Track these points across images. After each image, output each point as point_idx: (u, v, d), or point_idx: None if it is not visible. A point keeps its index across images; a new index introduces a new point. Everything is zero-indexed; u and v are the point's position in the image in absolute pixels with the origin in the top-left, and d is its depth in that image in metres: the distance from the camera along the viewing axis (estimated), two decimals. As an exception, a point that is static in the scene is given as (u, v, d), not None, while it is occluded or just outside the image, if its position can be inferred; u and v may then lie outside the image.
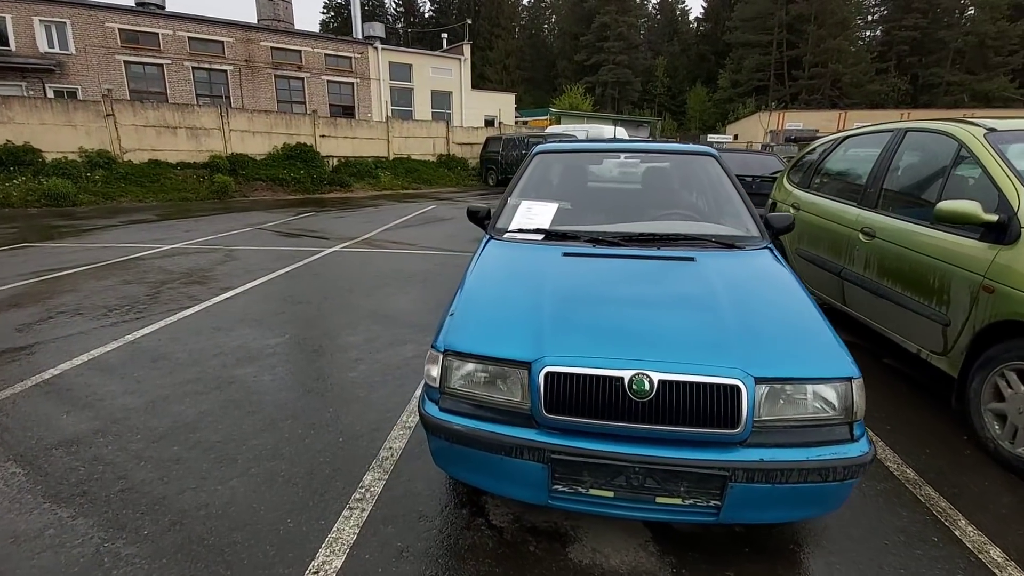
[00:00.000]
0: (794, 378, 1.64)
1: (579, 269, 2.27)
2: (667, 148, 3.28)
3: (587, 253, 2.42)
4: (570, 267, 2.29)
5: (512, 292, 2.12)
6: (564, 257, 2.38)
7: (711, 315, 1.86)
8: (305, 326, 4.14)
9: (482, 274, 2.30)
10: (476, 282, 2.23)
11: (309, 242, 7.71)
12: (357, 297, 4.91)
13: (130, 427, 2.62)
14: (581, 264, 2.32)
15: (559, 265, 2.30)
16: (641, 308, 1.94)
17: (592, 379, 1.65)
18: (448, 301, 2.14)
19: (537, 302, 1.99)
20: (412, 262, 6.46)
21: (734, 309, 1.89)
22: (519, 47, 63.76)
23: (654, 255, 2.39)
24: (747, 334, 1.76)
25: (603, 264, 2.32)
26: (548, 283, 2.13)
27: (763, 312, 1.92)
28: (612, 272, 2.25)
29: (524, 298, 2.04)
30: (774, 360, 1.67)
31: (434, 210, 11.86)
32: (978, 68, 46.50)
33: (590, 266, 2.31)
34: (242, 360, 3.46)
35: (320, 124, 17.30)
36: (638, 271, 2.26)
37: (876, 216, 3.36)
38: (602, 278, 2.20)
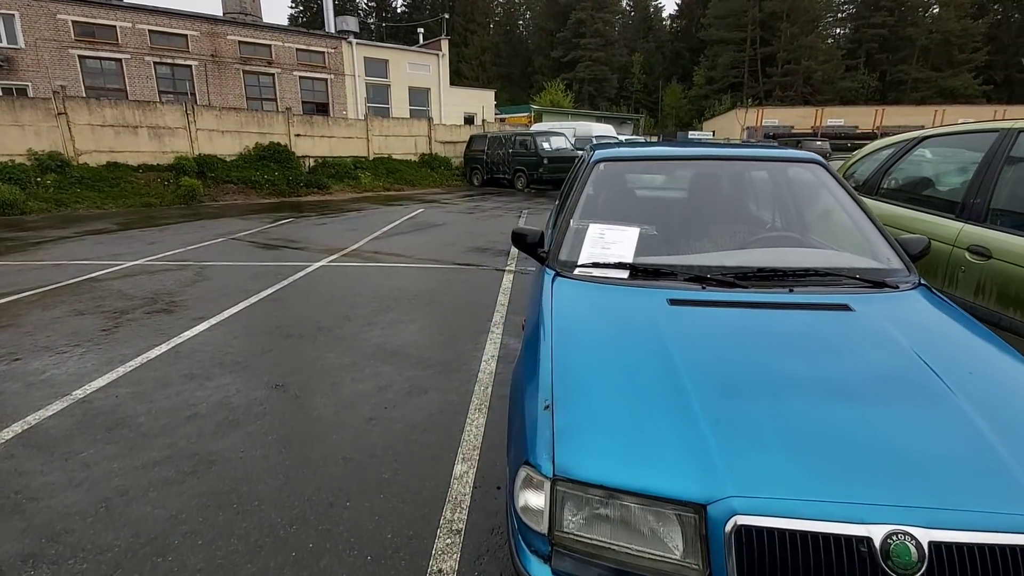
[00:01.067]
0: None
1: (703, 327, 1.66)
2: (761, 154, 2.64)
3: (701, 301, 1.80)
4: (689, 323, 1.67)
5: (630, 367, 1.49)
6: (672, 307, 1.77)
7: (951, 414, 1.27)
8: (299, 370, 3.44)
9: (570, 335, 1.66)
10: (568, 350, 1.58)
11: (291, 255, 6.92)
12: (357, 327, 4.21)
13: (72, 548, 1.90)
14: (701, 318, 1.71)
15: (672, 320, 1.68)
16: (836, 397, 1.34)
17: (816, 539, 1.04)
18: (470, 330, 1.49)
19: (675, 385, 1.37)
20: (411, 278, 5.77)
21: (967, 395, 1.31)
22: (495, 43, 63.04)
23: (792, 301, 1.79)
24: (1015, 445, 1.17)
25: (731, 318, 1.71)
26: (674, 351, 1.51)
27: (1012, 402, 1.33)
28: (752, 331, 1.64)
29: (653, 379, 1.42)
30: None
31: (423, 214, 11.13)
32: (943, 65, 47.73)
33: (716, 321, 1.69)
34: (224, 425, 2.75)
35: (295, 122, 16.32)
36: (787, 329, 1.65)
37: (991, 233, 2.83)
38: (744, 342, 1.58)
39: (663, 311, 1.74)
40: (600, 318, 1.75)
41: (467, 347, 3.79)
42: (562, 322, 1.74)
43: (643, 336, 1.61)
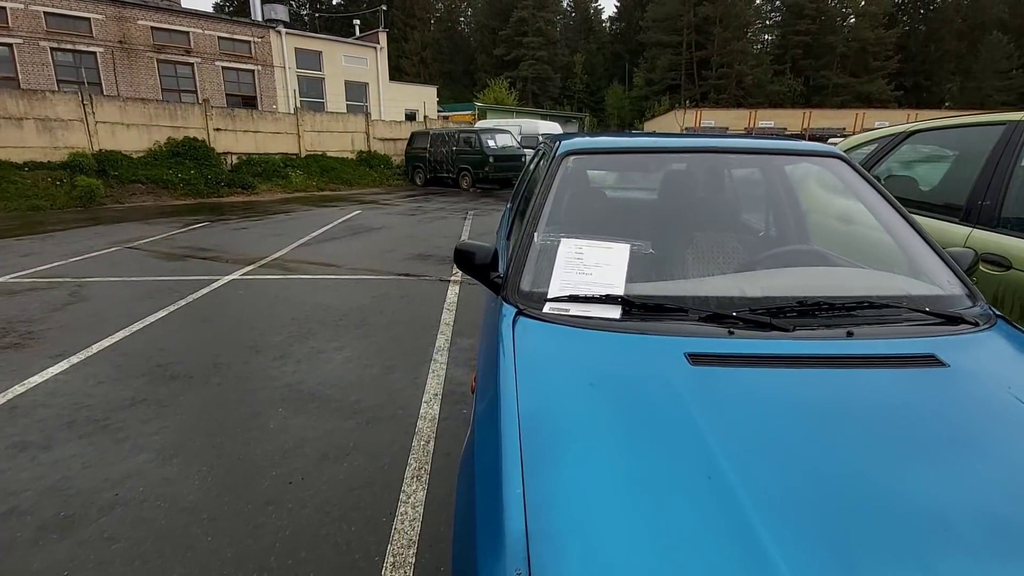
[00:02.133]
0: None
1: (753, 408, 1.06)
2: (768, 146, 2.07)
3: (734, 357, 1.22)
4: (731, 402, 1.08)
5: (657, 492, 0.87)
6: (696, 367, 1.18)
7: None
8: (179, 429, 2.63)
9: (552, 434, 1.02)
10: (549, 459, 0.95)
11: (197, 267, 5.93)
12: (266, 360, 3.42)
13: None
14: (744, 390, 1.12)
15: (704, 395, 1.09)
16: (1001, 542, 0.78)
17: None
18: (408, 359, 0.86)
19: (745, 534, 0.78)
20: (341, 294, 4.98)
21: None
22: (436, 40, 61.73)
23: (860, 353, 1.24)
24: None
25: (787, 387, 1.14)
26: (721, 459, 0.91)
27: None
28: (827, 412, 1.06)
29: (702, 518, 0.81)
30: None
31: (360, 216, 10.22)
32: (860, 71, 51.05)
33: (767, 396, 1.10)
34: (49, 530, 1.93)
35: (214, 115, 14.84)
36: (875, 404, 1.09)
37: (1010, 240, 2.46)
38: (823, 435, 1.00)
39: (686, 378, 1.15)
40: (594, 397, 1.13)
41: (404, 383, 3.10)
42: (533, 405, 1.11)
43: (668, 430, 1.01)
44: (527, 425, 1.05)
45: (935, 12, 54.83)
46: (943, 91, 52.01)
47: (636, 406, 1.09)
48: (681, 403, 1.07)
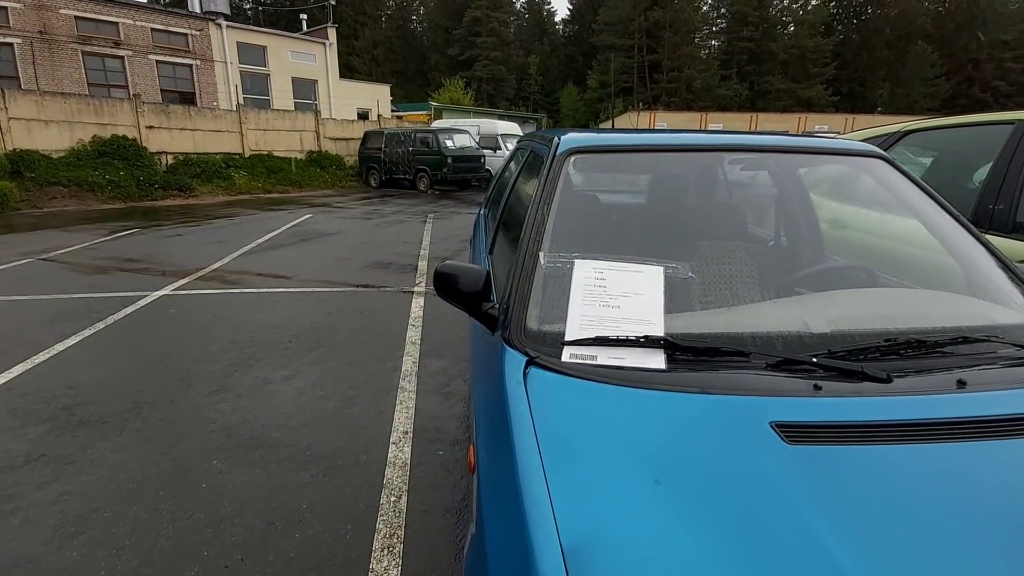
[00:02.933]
0: None
1: (887, 517, 0.75)
2: (807, 144, 1.74)
3: (834, 428, 0.90)
4: (855, 506, 0.75)
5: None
6: (792, 447, 0.85)
7: None
8: (87, 496, 2.11)
9: (606, 552, 0.68)
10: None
11: (123, 282, 5.23)
12: (199, 395, 2.90)
13: None
14: (864, 485, 0.80)
15: (820, 499, 0.76)
16: None
17: None
18: (371, 389, 0.50)
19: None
20: (291, 310, 4.45)
21: None
22: (388, 37, 60.45)
23: (980, 416, 0.94)
24: None
25: (912, 476, 0.83)
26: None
27: None
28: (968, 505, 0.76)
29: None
30: None
31: (311, 220, 9.56)
32: (800, 77, 53.50)
33: (898, 499, 0.79)
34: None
35: (146, 112, 13.69)
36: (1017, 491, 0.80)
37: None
38: (967, 540, 0.70)
39: (787, 466, 0.81)
40: (664, 501, 0.78)
41: (368, 420, 2.67)
42: (580, 518, 0.75)
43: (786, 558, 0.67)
44: (577, 564, 0.68)
45: (866, 22, 58.15)
46: (875, 97, 55.16)
47: (731, 518, 0.74)
48: (794, 510, 0.74)
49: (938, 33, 55.16)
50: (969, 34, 54.31)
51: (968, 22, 55.00)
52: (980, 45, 53.22)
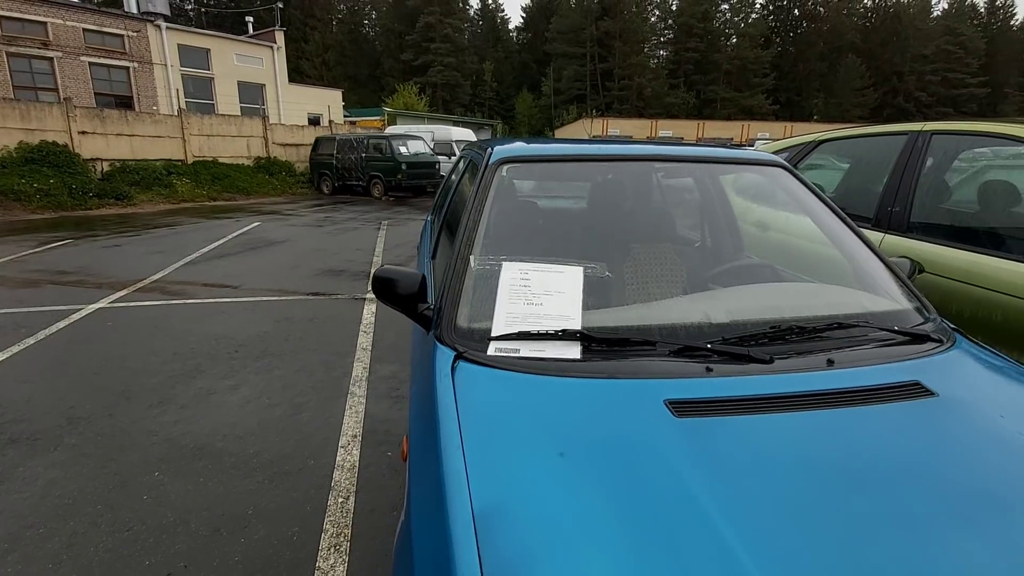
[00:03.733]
0: None
1: (757, 473, 0.88)
2: (714, 154, 1.91)
3: (720, 402, 1.04)
4: (730, 465, 0.88)
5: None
6: (680, 419, 0.98)
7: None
8: (18, 514, 2.04)
9: (521, 540, 0.77)
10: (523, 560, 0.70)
11: (54, 295, 4.99)
12: (139, 408, 2.83)
13: None
14: (738, 447, 0.93)
15: (696, 457, 0.89)
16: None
17: None
18: (320, 396, 0.76)
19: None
20: (237, 320, 4.37)
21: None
22: (339, 41, 59.43)
23: (846, 387, 1.11)
24: None
25: (781, 436, 0.97)
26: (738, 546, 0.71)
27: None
28: (830, 464, 0.91)
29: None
30: None
31: (259, 229, 9.32)
32: (743, 87, 56.10)
33: (766, 454, 0.92)
34: None
35: (78, 117, 12.99)
36: (878, 449, 0.95)
37: (921, 245, 2.57)
38: (837, 500, 0.83)
39: (674, 435, 0.94)
40: (567, 470, 0.88)
41: (316, 425, 2.69)
42: (491, 486, 0.85)
43: (667, 514, 0.79)
44: (485, 526, 0.78)
45: (802, 35, 61.65)
46: (812, 106, 58.51)
47: (622, 482, 0.85)
48: (676, 474, 0.86)
49: (866, 47, 59.13)
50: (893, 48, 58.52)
51: (892, 37, 59.27)
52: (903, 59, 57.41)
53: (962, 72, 58.31)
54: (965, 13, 62.46)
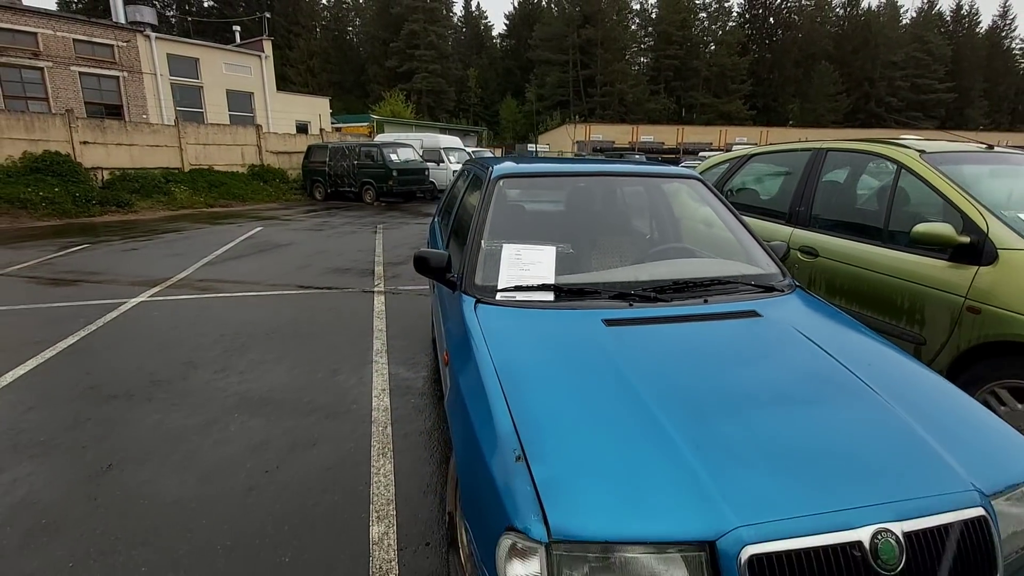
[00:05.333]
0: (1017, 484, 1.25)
1: (648, 348, 1.64)
2: (649, 171, 2.79)
3: (634, 319, 1.80)
4: (634, 346, 1.64)
5: (595, 404, 1.39)
6: (611, 328, 1.73)
7: (873, 405, 1.41)
8: (135, 442, 2.72)
9: (518, 372, 1.52)
10: (522, 390, 1.44)
11: (95, 291, 5.61)
12: (207, 375, 3.52)
13: None
14: (641, 338, 1.69)
15: (617, 344, 1.64)
16: (787, 404, 1.40)
17: (819, 553, 1.05)
18: (350, 363, 1.31)
19: (647, 417, 1.32)
20: (265, 309, 5.05)
21: (883, 388, 1.47)
22: (323, 48, 59.81)
23: (712, 312, 1.88)
24: (930, 428, 1.34)
25: (668, 334, 1.73)
26: (632, 379, 1.46)
27: (906, 387, 1.52)
28: (692, 346, 1.68)
29: (625, 411, 1.35)
30: (988, 464, 1.26)
31: (263, 233, 9.94)
32: (721, 93, 57.70)
33: (655, 340, 1.69)
34: (36, 534, 2.02)
35: (79, 127, 13.47)
36: (719, 340, 1.72)
37: (815, 235, 3.37)
38: (691, 359, 1.61)
39: (604, 334, 1.69)
40: (544, 349, 1.64)
41: (351, 383, 3.40)
42: (504, 357, 1.59)
43: (597, 366, 1.54)
44: (502, 369, 1.53)
45: (777, 43, 63.57)
46: (788, 111, 60.35)
47: (572, 352, 1.61)
48: (604, 351, 1.61)
49: (839, 54, 61.14)
50: (864, 56, 60.64)
51: (863, 45, 61.41)
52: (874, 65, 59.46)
53: (930, 78, 60.62)
54: (932, 21, 64.93)
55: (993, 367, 2.44)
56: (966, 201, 2.62)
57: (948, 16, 67.93)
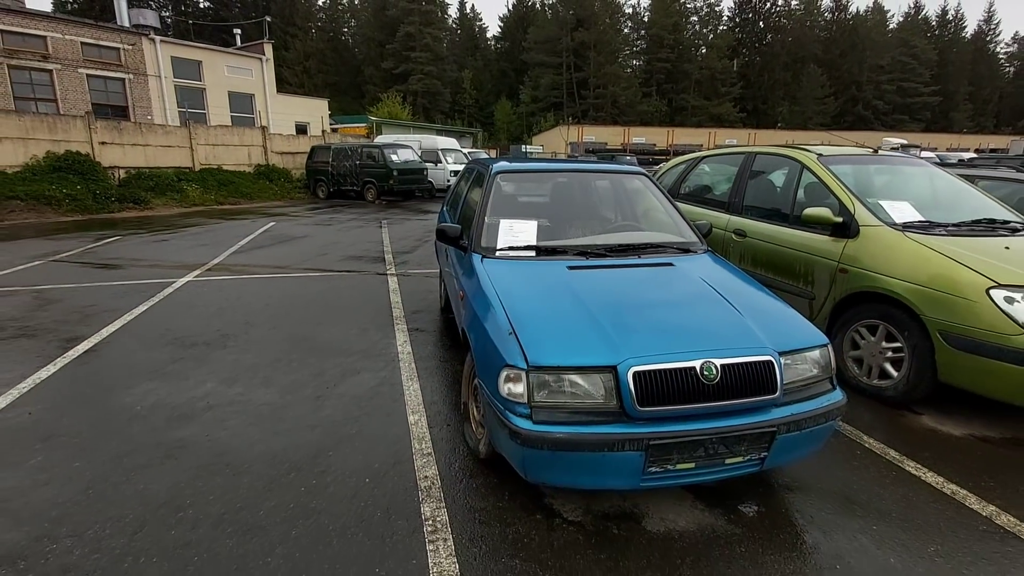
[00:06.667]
0: (799, 349, 2.17)
1: (597, 280, 2.55)
2: (608, 168, 3.75)
3: (588, 266, 2.71)
4: (587, 279, 2.55)
5: (558, 305, 2.30)
6: (572, 271, 2.64)
7: (725, 310, 2.32)
8: (222, 371, 3.60)
9: (512, 292, 2.42)
10: (514, 301, 2.34)
11: (145, 273, 6.46)
12: (263, 331, 4.39)
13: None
14: (592, 276, 2.60)
15: (574, 278, 2.55)
16: (673, 309, 2.31)
17: (672, 372, 1.95)
18: (376, 324, 2.21)
19: (588, 312, 2.22)
20: (296, 286, 5.92)
21: (736, 302, 2.38)
22: (319, 49, 60.48)
23: (642, 263, 2.79)
24: (755, 320, 2.25)
25: (609, 274, 2.65)
26: (583, 295, 2.37)
27: (753, 301, 2.44)
28: (624, 281, 2.59)
29: (574, 310, 2.25)
30: (783, 337, 2.18)
31: (276, 227, 10.79)
32: (712, 95, 58.85)
33: (601, 277, 2.60)
34: (180, 420, 2.90)
35: (98, 129, 14.25)
36: (642, 278, 2.64)
37: (744, 220, 4.30)
38: (621, 286, 2.52)
39: (567, 274, 2.60)
40: (527, 282, 2.55)
41: (379, 337, 4.28)
42: (502, 287, 2.49)
43: (559, 289, 2.45)
44: (501, 293, 2.44)
45: (767, 46, 64.82)
46: (777, 114, 61.66)
47: (545, 283, 2.52)
48: (565, 282, 2.52)
49: (827, 58, 62.46)
50: (852, 59, 62.01)
51: (851, 48, 62.78)
52: (861, 69, 60.78)
53: (916, 82, 62.06)
54: (918, 26, 66.41)
55: (856, 312, 3.38)
56: (842, 191, 3.56)
57: (934, 21, 69.47)
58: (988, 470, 2.57)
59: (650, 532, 2.11)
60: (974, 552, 2.02)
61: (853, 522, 2.18)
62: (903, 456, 2.66)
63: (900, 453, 2.69)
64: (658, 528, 2.13)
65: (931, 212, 3.46)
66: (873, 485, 2.43)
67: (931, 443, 2.81)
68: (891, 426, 2.98)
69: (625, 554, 1.98)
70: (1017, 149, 30.58)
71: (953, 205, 3.67)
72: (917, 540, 2.08)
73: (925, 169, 4.07)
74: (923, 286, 2.97)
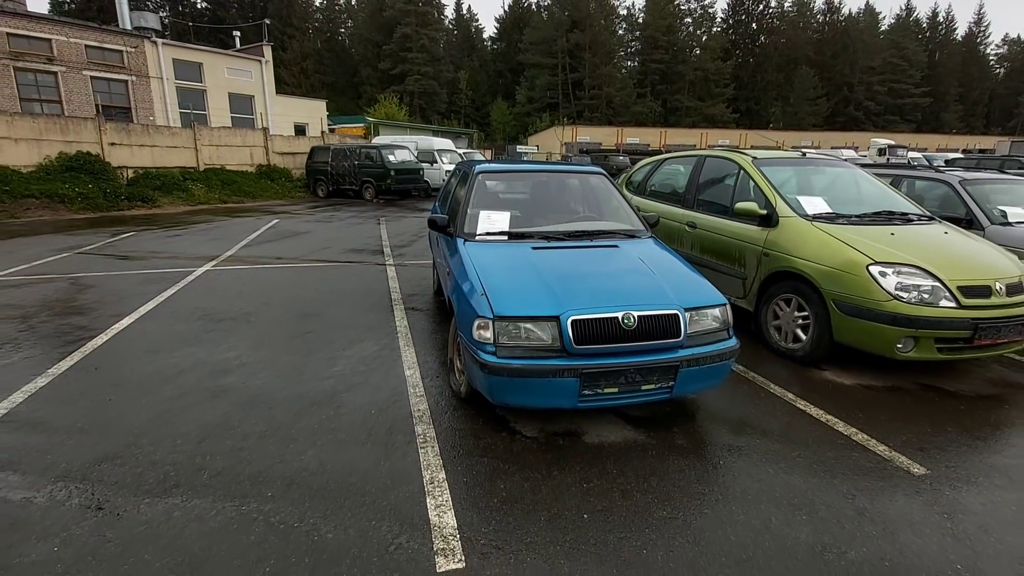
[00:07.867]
0: (701, 306, 2.86)
1: (553, 257, 3.24)
2: (573, 168, 4.46)
3: (549, 247, 3.40)
4: (545, 256, 3.24)
5: (520, 275, 2.99)
6: (535, 251, 3.33)
7: (649, 278, 3.02)
8: (247, 340, 4.27)
9: (486, 265, 3.12)
10: (487, 273, 3.03)
11: (165, 263, 7.12)
12: (279, 311, 5.06)
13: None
14: (550, 254, 3.29)
15: (537, 256, 3.24)
16: (609, 278, 3.01)
17: (600, 320, 2.64)
18: (377, 307, 2.89)
19: (542, 279, 2.91)
20: (306, 275, 6.59)
21: (659, 273, 3.07)
22: (316, 50, 61.05)
23: (592, 245, 3.48)
24: (671, 286, 2.94)
25: (565, 253, 3.34)
26: (540, 267, 3.06)
27: (673, 273, 3.14)
28: (574, 258, 3.28)
29: (531, 278, 2.94)
30: (690, 298, 2.87)
31: (280, 224, 11.44)
32: (706, 96, 59.68)
33: (557, 255, 3.29)
34: (219, 374, 3.58)
35: (108, 130, 14.88)
36: (590, 256, 3.33)
37: (695, 214, 5.00)
38: (571, 262, 3.21)
39: (531, 253, 3.30)
40: (499, 258, 3.24)
41: (381, 317, 4.96)
42: (480, 263, 3.18)
43: (523, 264, 3.14)
44: (479, 267, 3.13)
45: (760, 48, 65.72)
46: (769, 114, 62.53)
47: (512, 260, 3.22)
48: (529, 258, 3.21)
49: (819, 59, 63.36)
50: (844, 61, 62.92)
51: (843, 50, 63.70)
52: (853, 70, 61.66)
53: (907, 83, 63.00)
54: (909, 28, 67.38)
55: (776, 289, 4.08)
56: (768, 188, 4.26)
57: (925, 23, 70.46)
58: (862, 407, 3.27)
59: (587, 443, 2.80)
60: (827, 457, 2.72)
61: (742, 438, 2.88)
62: (796, 397, 3.36)
63: (795, 395, 3.39)
64: (594, 440, 2.82)
65: (840, 206, 4.17)
66: (766, 415, 3.13)
67: (823, 389, 3.51)
68: (795, 377, 3.69)
69: (567, 455, 2.67)
70: (1004, 150, 31.41)
71: (861, 200, 4.37)
72: (786, 447, 2.78)
73: (847, 170, 4.78)
74: (822, 264, 3.67)
